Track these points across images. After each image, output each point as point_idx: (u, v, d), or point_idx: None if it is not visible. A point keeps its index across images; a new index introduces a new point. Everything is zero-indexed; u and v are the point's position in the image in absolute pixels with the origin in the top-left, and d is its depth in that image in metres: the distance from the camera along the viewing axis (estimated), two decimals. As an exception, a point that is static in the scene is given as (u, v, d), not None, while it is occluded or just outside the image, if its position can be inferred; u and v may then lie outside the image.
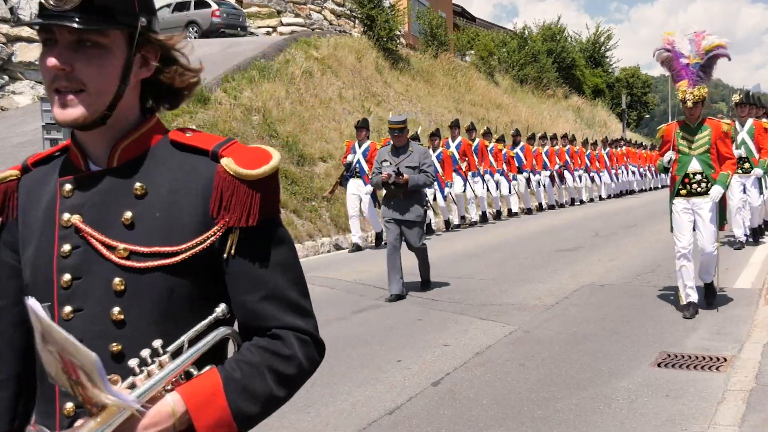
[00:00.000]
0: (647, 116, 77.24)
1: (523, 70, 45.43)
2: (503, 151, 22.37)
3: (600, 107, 55.50)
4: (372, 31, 31.16)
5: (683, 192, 8.79)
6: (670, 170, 8.91)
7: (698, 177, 8.70)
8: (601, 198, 30.57)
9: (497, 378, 6.75)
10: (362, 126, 16.16)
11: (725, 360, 7.03)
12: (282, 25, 34.14)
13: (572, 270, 12.19)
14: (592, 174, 29.50)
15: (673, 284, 9.45)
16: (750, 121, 13.27)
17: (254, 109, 19.89)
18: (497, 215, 22.40)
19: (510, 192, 22.76)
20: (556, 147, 26.68)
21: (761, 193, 13.73)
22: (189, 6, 30.71)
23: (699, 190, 8.71)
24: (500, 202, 22.53)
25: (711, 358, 7.12)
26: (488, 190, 21.42)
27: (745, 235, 14.04)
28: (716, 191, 8.61)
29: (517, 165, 23.23)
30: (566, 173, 26.88)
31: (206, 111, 18.31)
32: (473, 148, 20.59)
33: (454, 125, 20.05)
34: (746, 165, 13.13)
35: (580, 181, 28.77)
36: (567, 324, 8.62)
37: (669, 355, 7.24)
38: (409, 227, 10.38)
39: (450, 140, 19.71)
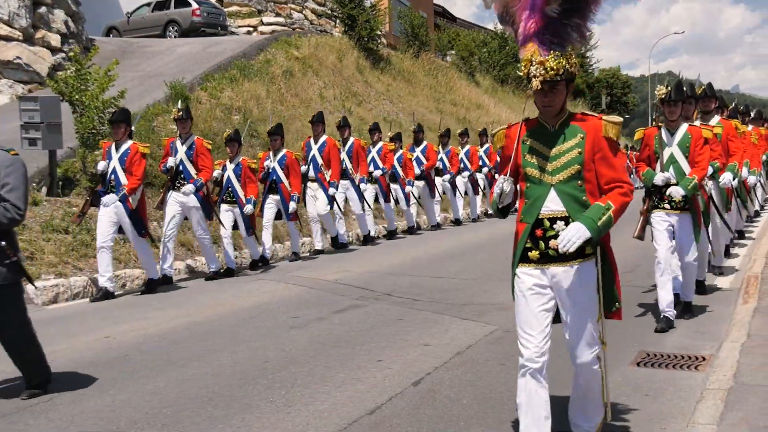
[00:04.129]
0: (627, 117, 77.55)
1: (504, 70, 45.46)
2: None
3: (580, 107, 55.54)
4: (353, 31, 31.14)
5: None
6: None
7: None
8: None
9: (478, 377, 6.76)
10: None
11: (704, 359, 7.08)
12: (263, 24, 34.05)
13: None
14: None
15: (652, 283, 9.47)
16: (684, 127, 8.43)
17: (234, 108, 19.84)
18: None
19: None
20: None
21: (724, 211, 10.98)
22: (169, 5, 30.55)
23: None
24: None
25: (690, 358, 7.16)
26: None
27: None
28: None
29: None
30: None
31: (186, 110, 18.22)
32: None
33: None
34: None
35: None
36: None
37: (648, 355, 7.28)
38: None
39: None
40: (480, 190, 22.26)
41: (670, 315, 8.33)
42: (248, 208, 12.96)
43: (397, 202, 18.29)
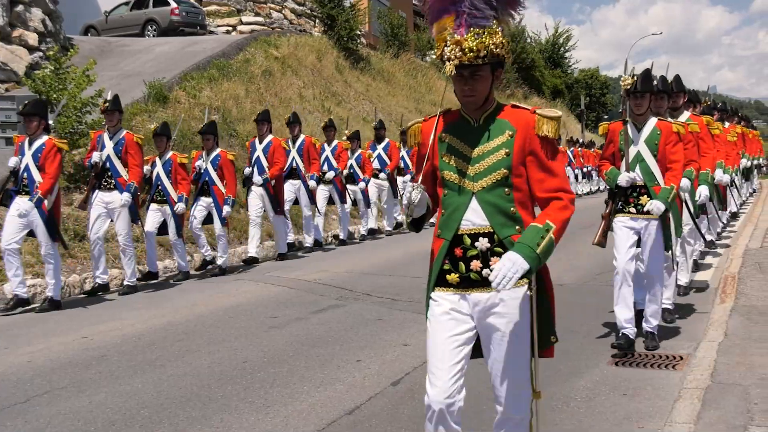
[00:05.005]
0: (606, 117, 77.86)
1: (483, 70, 45.57)
2: None
3: (559, 108, 55.83)
4: (332, 31, 31.14)
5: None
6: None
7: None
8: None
9: (457, 377, 6.76)
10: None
11: (681, 358, 7.12)
12: (242, 23, 33.94)
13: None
14: None
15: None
16: (652, 122, 7.55)
17: (213, 108, 19.77)
18: None
19: None
20: None
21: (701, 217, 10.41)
22: (147, 4, 30.39)
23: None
24: None
25: (667, 357, 7.20)
26: None
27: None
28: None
29: None
30: None
31: (165, 110, 18.19)
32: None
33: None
34: (643, 199, 7.47)
35: None
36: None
37: (626, 354, 7.30)
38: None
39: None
40: None
41: (630, 332, 7.44)
42: (180, 207, 12.32)
43: (354, 203, 17.50)
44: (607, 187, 7.75)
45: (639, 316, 7.74)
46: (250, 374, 6.91)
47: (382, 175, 18.15)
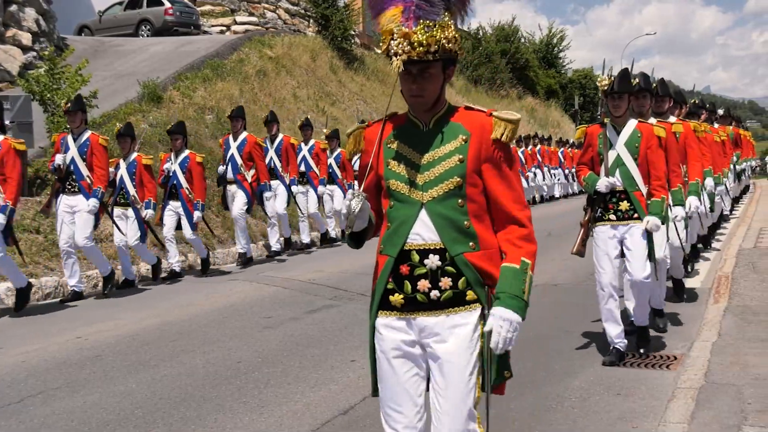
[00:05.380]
0: (598, 116, 77.97)
1: (477, 70, 45.66)
2: None
3: (553, 108, 55.92)
4: (326, 31, 31.14)
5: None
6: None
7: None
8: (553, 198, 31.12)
9: (451, 377, 6.76)
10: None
11: (675, 358, 7.13)
12: (236, 23, 33.91)
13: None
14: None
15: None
16: (632, 124, 7.07)
17: (207, 108, 19.76)
18: None
19: None
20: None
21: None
22: (141, 4, 30.37)
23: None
24: None
25: (661, 357, 7.21)
26: None
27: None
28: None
29: None
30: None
31: (159, 110, 18.17)
32: None
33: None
34: (623, 204, 7.03)
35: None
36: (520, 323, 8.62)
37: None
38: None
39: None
40: None
41: (621, 346, 7.06)
42: (148, 214, 11.80)
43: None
44: (586, 192, 7.34)
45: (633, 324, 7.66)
46: (244, 374, 6.91)
47: None
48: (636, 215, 6.95)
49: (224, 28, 33.64)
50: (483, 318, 3.31)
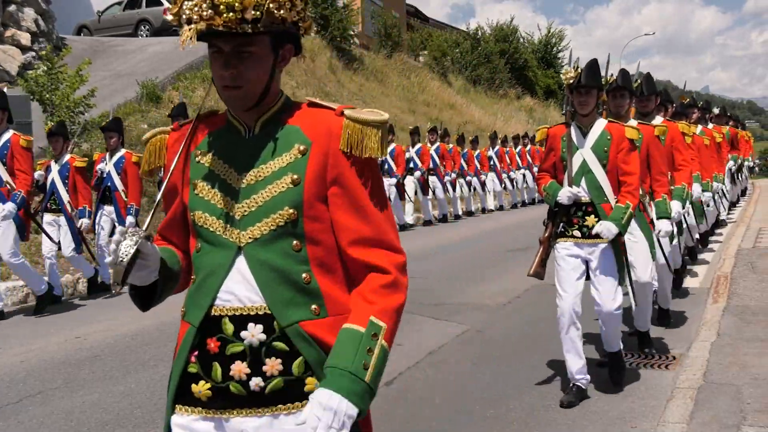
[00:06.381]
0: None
1: (476, 70, 45.62)
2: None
3: (552, 108, 55.87)
4: (326, 31, 31.14)
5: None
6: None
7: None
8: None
9: (450, 377, 6.77)
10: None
11: (674, 358, 7.13)
12: (235, 23, 33.92)
13: (523, 270, 12.16)
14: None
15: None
16: (600, 125, 6.01)
17: (207, 108, 19.73)
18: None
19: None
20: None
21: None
22: (140, 3, 30.36)
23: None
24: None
25: (660, 357, 7.21)
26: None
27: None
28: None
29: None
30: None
31: (158, 110, 18.17)
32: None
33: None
34: (590, 219, 5.98)
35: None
36: (519, 323, 8.66)
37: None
38: None
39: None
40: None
41: (583, 383, 6.07)
42: (83, 223, 10.58)
43: None
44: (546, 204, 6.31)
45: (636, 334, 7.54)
46: (243, 374, 6.89)
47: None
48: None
49: (224, 28, 33.64)
50: None
